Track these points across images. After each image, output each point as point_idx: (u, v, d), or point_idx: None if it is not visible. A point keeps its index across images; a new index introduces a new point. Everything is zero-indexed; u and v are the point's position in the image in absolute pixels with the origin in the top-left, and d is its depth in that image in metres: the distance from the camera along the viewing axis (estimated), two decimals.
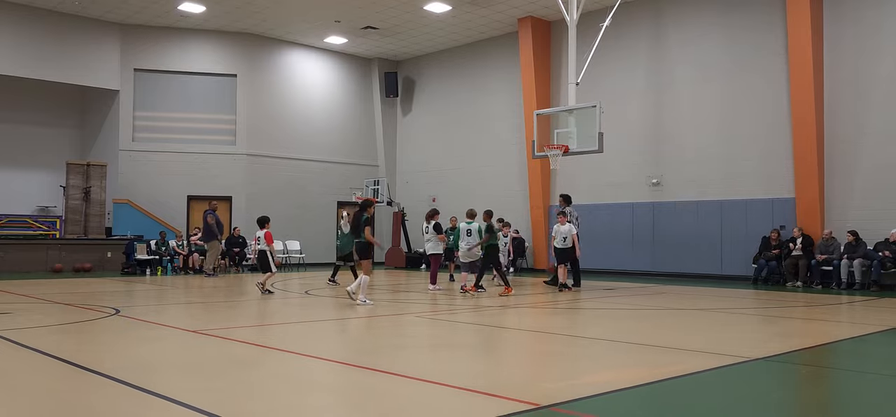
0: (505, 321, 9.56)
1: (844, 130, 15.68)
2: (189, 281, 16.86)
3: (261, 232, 13.15)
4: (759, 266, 16.05)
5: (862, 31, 15.54)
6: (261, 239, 13.13)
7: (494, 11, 20.21)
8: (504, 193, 21.67)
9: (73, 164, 20.59)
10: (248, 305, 11.91)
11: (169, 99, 22.39)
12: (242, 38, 22.76)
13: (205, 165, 22.33)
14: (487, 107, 22.87)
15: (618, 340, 7.87)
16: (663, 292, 13.95)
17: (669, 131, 18.56)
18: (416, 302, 11.80)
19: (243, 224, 21.67)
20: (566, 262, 13.72)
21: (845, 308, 11.61)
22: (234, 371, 5.96)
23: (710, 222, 17.64)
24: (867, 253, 14.61)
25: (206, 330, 8.26)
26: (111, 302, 11.21)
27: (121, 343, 7.51)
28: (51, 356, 6.41)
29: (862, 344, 7.80)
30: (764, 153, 16.82)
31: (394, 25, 21.57)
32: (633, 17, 18.87)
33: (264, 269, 13.13)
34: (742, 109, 17.25)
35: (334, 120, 24.82)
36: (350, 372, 5.96)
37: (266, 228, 13.14)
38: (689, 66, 18.26)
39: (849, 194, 15.63)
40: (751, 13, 17.14)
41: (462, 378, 5.65)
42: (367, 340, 7.97)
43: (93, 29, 21.24)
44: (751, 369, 6.13)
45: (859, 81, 15.54)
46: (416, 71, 25.38)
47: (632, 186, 19.13)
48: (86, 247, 19.78)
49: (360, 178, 24.63)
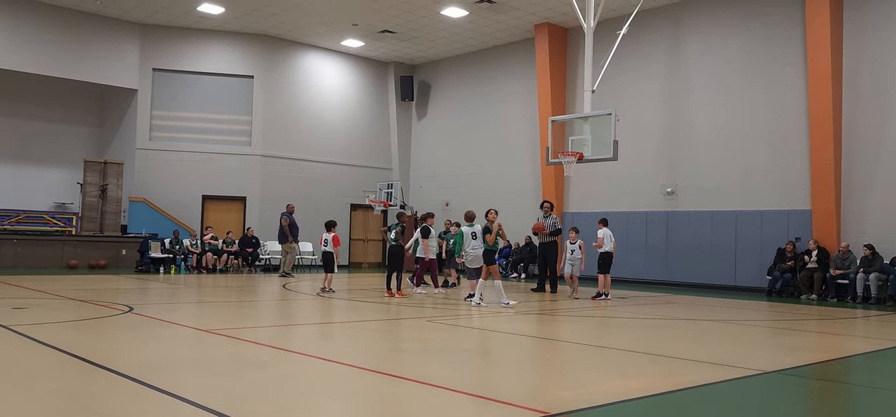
0: (516, 328, 9.53)
1: (862, 143, 15.53)
2: (202, 280, 16.97)
3: (328, 234, 13.75)
4: (773, 277, 15.92)
5: (881, 43, 15.39)
6: (328, 241, 13.72)
7: (511, 17, 20.22)
8: (517, 199, 21.64)
9: (91, 162, 20.81)
10: (261, 305, 11.98)
11: (186, 99, 22.57)
12: (260, 39, 22.91)
13: (220, 165, 22.48)
14: (502, 113, 22.87)
15: (630, 349, 7.83)
16: (676, 302, 13.87)
17: (685, 140, 18.46)
18: (427, 307, 11.80)
19: (257, 225, 21.79)
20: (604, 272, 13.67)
21: (860, 322, 11.48)
22: (244, 371, 5.99)
23: (724, 232, 17.52)
24: (883, 267, 14.45)
25: (218, 329, 8.31)
26: (125, 300, 11.30)
27: (133, 340, 7.57)
28: (64, 352, 6.48)
29: (876, 360, 7.71)
30: (780, 164, 16.69)
31: (410, 29, 21.63)
32: (651, 25, 18.80)
33: (328, 270, 13.72)
34: (759, 119, 17.14)
35: (349, 123, 24.90)
36: (358, 375, 5.97)
37: (333, 231, 13.76)
38: (706, 74, 18.17)
39: (866, 207, 15.47)
40: (769, 23, 17.03)
41: (473, 385, 5.65)
42: (376, 343, 7.99)
43: (113, 28, 21.46)
44: (764, 382, 6.08)
45: (878, 94, 15.39)
46: (431, 75, 25.43)
47: (646, 195, 19.04)
48: (101, 244, 19.97)
49: (374, 182, 24.69)
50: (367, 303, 12.06)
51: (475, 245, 12.51)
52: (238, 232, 21.60)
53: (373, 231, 25.19)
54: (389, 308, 11.38)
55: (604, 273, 13.64)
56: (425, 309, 11.46)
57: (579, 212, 20.10)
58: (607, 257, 13.61)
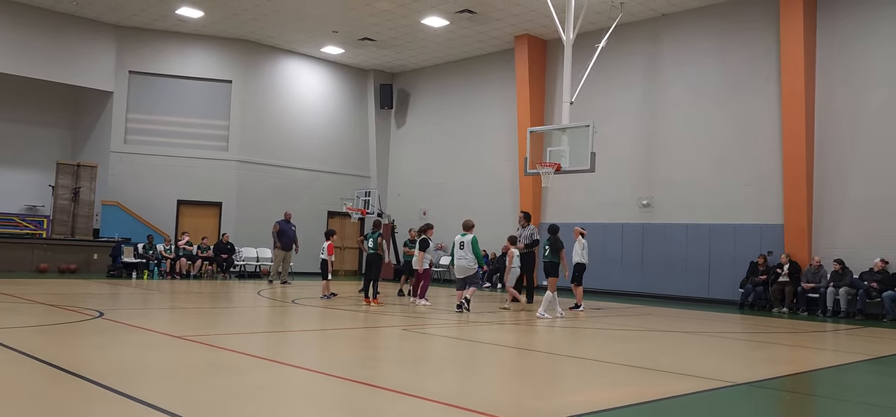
0: (492, 337, 9.53)
1: (834, 159, 15.81)
2: (175, 285, 16.75)
3: (325, 243, 14.19)
4: (746, 291, 16.11)
5: (853, 62, 15.70)
6: (324, 248, 14.17)
7: (491, 28, 20.32)
8: (495, 209, 21.69)
9: (64, 164, 20.49)
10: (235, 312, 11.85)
11: (163, 102, 22.33)
12: (239, 44, 22.76)
13: (196, 170, 22.26)
14: (481, 123, 22.94)
15: (606, 360, 7.87)
16: (651, 313, 13.98)
17: (661, 153, 18.66)
18: (403, 316, 11.76)
19: (233, 230, 21.59)
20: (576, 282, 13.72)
21: (830, 335, 11.66)
22: (216, 378, 5.92)
23: (698, 245, 17.72)
24: (853, 281, 14.70)
25: (190, 336, 8.20)
26: (95, 305, 11.12)
27: (103, 346, 7.44)
28: (31, 356, 6.35)
29: (845, 373, 7.82)
30: (754, 179, 16.93)
31: (391, 38, 21.64)
32: (629, 38, 19.01)
33: (322, 276, 14.15)
34: (734, 134, 17.38)
35: (328, 129, 24.81)
36: (332, 384, 5.92)
37: (330, 240, 14.22)
38: (682, 89, 18.40)
39: (836, 222, 15.74)
40: (745, 39, 17.30)
41: (447, 394, 5.63)
42: (352, 352, 7.94)
43: (88, 29, 21.19)
44: (736, 393, 6.14)
45: (849, 113, 15.69)
46: (411, 84, 25.45)
47: (623, 207, 19.20)
48: (72, 248, 19.65)
49: (352, 189, 24.62)
50: (343, 311, 11.99)
51: (462, 255, 12.43)
52: (213, 237, 21.38)
53: (350, 238, 25.07)
54: (366, 316, 11.33)
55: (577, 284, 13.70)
56: (401, 317, 11.42)
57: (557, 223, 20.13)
58: (580, 268, 13.69)
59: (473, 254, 12.43)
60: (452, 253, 12.85)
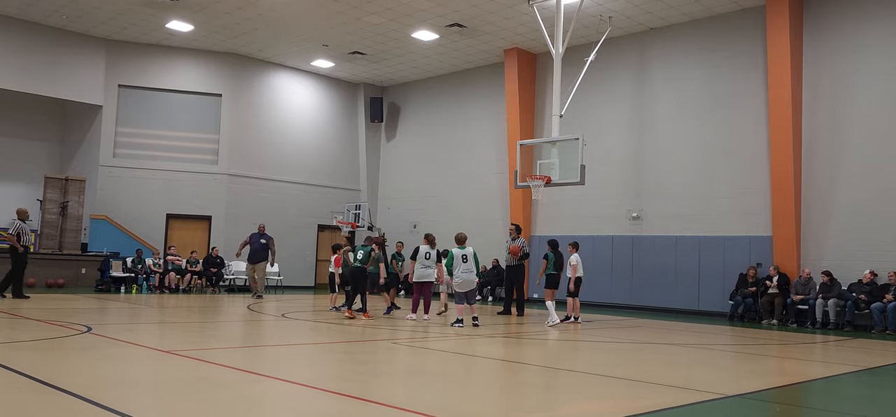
0: (481, 350, 9.52)
1: (821, 172, 15.94)
2: (164, 299, 16.64)
3: (333, 257, 14.67)
4: (735, 303, 16.17)
5: (839, 76, 15.86)
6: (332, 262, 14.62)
7: (481, 41, 20.41)
8: (486, 222, 21.70)
9: (52, 178, 20.35)
10: (224, 326, 11.78)
11: (152, 116, 22.25)
12: (229, 58, 22.75)
13: (185, 184, 22.17)
14: (471, 136, 22.99)
15: (594, 372, 7.86)
16: (640, 325, 14.00)
17: (650, 166, 18.76)
18: (392, 329, 11.72)
19: (222, 244, 21.48)
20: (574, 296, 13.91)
21: (819, 347, 11.71)
22: (205, 392, 5.87)
23: (688, 257, 17.78)
24: (841, 293, 14.78)
25: (179, 350, 8.14)
26: (83, 319, 11.02)
27: (90, 360, 7.37)
28: (17, 372, 6.28)
29: (835, 384, 7.85)
30: (743, 191, 17.04)
31: (381, 52, 21.69)
32: (618, 52, 19.14)
33: (330, 289, 14.72)
34: (722, 147, 17.50)
35: (318, 143, 24.79)
36: (321, 398, 5.89)
37: (337, 254, 14.61)
38: (671, 102, 18.52)
39: (825, 234, 15.84)
40: (732, 53, 17.46)
41: (436, 407, 5.61)
42: (340, 366, 7.90)
43: (78, 44, 21.12)
44: (725, 405, 6.15)
45: (836, 126, 15.83)
46: (401, 97, 25.49)
47: (612, 219, 19.26)
48: (60, 263, 19.49)
49: (342, 202, 24.58)
50: (332, 325, 11.94)
51: (466, 268, 12.32)
52: (203, 251, 21.27)
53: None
54: (354, 330, 11.29)
55: (574, 296, 13.80)
56: (391, 331, 11.38)
57: (547, 236, 20.16)
58: (577, 282, 13.81)
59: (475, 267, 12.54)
60: (450, 266, 12.54)
